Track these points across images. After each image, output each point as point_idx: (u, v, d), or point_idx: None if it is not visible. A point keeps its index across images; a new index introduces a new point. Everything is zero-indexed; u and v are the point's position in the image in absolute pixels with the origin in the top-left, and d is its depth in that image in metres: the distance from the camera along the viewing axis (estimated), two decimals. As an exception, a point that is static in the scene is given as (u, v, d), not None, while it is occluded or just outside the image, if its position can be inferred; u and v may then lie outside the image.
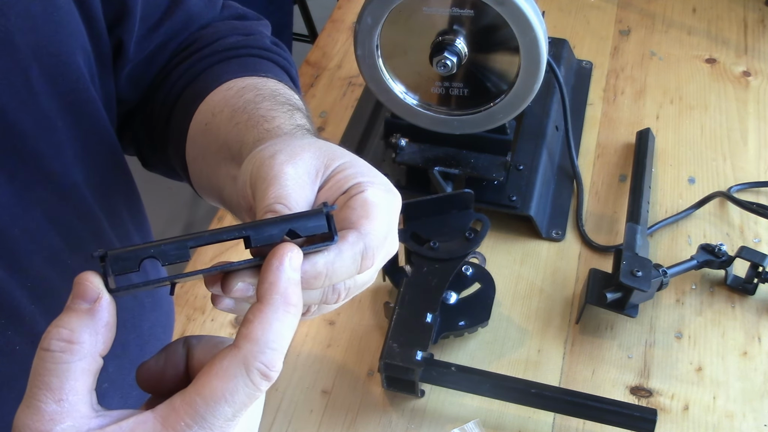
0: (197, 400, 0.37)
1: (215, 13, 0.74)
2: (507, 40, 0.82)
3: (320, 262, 0.42)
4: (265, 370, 0.38)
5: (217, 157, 0.59)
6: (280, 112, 0.57)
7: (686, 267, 0.84)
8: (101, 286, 0.38)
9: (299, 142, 0.48)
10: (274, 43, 0.74)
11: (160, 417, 0.37)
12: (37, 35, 0.54)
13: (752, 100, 1.10)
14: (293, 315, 0.39)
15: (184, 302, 0.87)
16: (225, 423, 0.38)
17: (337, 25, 1.24)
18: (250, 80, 0.64)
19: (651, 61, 1.16)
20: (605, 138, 1.05)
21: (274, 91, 0.61)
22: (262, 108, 0.57)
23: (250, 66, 0.67)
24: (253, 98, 0.60)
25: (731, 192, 0.95)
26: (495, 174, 0.90)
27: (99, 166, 0.64)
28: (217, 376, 0.37)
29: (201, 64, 0.68)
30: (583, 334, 0.83)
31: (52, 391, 0.37)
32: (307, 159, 0.46)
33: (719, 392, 0.78)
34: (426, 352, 0.73)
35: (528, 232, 0.93)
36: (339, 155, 0.47)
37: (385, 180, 0.48)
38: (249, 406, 0.38)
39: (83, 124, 0.60)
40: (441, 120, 0.89)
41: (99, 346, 0.38)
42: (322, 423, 0.77)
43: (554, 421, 0.76)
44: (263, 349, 0.38)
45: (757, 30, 1.22)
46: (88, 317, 0.37)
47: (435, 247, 0.79)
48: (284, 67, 0.72)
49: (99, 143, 0.63)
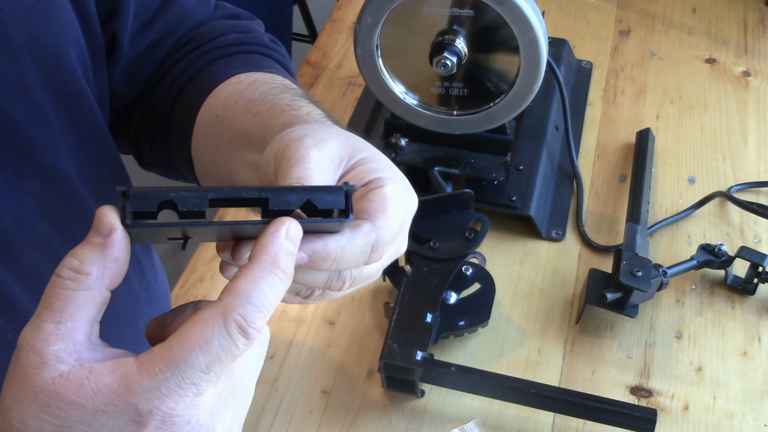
0: (174, 346, 0.38)
1: (208, 12, 0.74)
2: (507, 40, 0.82)
3: (331, 244, 0.43)
4: (243, 323, 0.38)
5: (231, 146, 0.60)
6: (304, 102, 0.57)
7: (686, 267, 0.84)
8: (116, 221, 0.39)
9: (327, 129, 0.49)
10: (272, 40, 0.74)
11: (139, 361, 0.38)
12: (30, 27, 0.55)
13: (752, 100, 1.10)
14: (280, 279, 0.39)
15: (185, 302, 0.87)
16: (197, 374, 0.38)
17: (337, 25, 1.24)
18: (257, 75, 0.64)
19: (651, 61, 1.16)
20: (605, 138, 1.05)
21: (286, 85, 0.62)
22: (285, 98, 0.58)
23: (253, 62, 0.67)
24: (270, 90, 0.60)
25: (731, 192, 0.95)
26: (495, 174, 0.90)
27: (92, 159, 0.64)
28: (196, 323, 0.38)
29: (202, 60, 0.68)
30: (583, 334, 0.83)
31: (53, 312, 0.38)
32: (333, 146, 0.46)
33: (719, 392, 0.78)
34: (426, 352, 0.73)
35: (528, 232, 0.93)
36: (364, 148, 0.48)
37: (405, 179, 0.48)
38: (225, 361, 0.38)
39: (76, 117, 0.61)
40: (441, 120, 0.89)
41: (106, 280, 0.39)
42: (322, 423, 0.77)
43: (554, 421, 0.76)
44: (244, 302, 0.38)
45: (757, 30, 1.22)
46: (98, 251, 0.39)
47: (435, 247, 0.79)
48: (283, 64, 0.72)
49: (92, 136, 0.64)
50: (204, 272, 0.90)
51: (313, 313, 0.85)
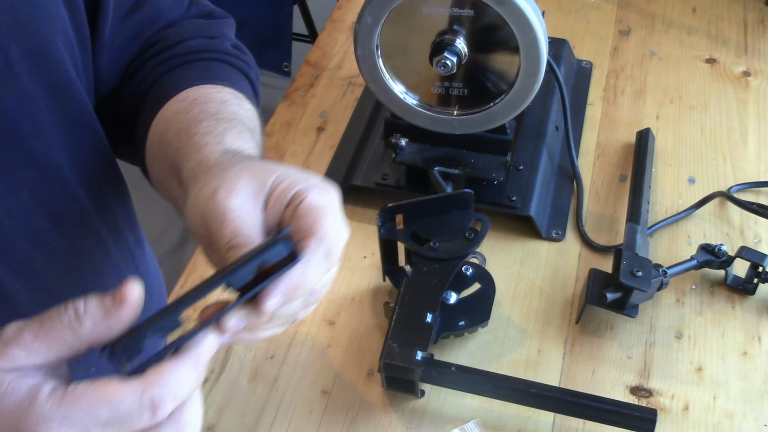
0: (88, 392, 0.40)
1: (182, 10, 0.75)
2: (507, 40, 0.82)
3: (294, 276, 0.46)
4: (156, 402, 0.41)
5: (170, 175, 0.61)
6: (211, 137, 0.58)
7: (686, 267, 0.84)
8: (134, 297, 0.43)
9: (230, 171, 0.51)
10: (236, 46, 0.75)
11: (54, 389, 0.40)
12: (16, 15, 0.55)
13: (752, 100, 1.10)
14: (196, 377, 0.44)
15: (184, 302, 0.87)
16: (94, 424, 0.39)
17: (337, 25, 1.24)
18: (204, 90, 0.65)
19: (651, 61, 1.16)
20: (605, 138, 1.05)
21: (219, 106, 0.63)
22: (198, 133, 0.59)
23: (210, 71, 0.68)
24: (196, 116, 0.61)
25: (731, 192, 0.95)
26: (495, 174, 0.90)
27: (83, 150, 0.64)
28: (118, 384, 0.40)
29: (164, 66, 0.69)
30: (583, 334, 0.83)
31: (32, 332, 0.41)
32: (244, 186, 0.49)
33: (719, 392, 0.78)
34: (426, 352, 0.73)
35: (528, 232, 0.93)
36: (271, 171, 0.50)
37: (319, 179, 0.51)
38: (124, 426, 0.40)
39: (66, 107, 0.61)
40: (441, 120, 0.89)
41: (92, 336, 0.42)
42: (322, 423, 0.77)
43: (554, 421, 0.76)
44: (163, 385, 0.41)
45: (757, 30, 1.22)
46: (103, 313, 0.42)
47: (435, 247, 0.79)
48: (244, 71, 0.73)
49: (82, 126, 0.64)
50: (204, 272, 0.90)
51: (313, 313, 0.85)
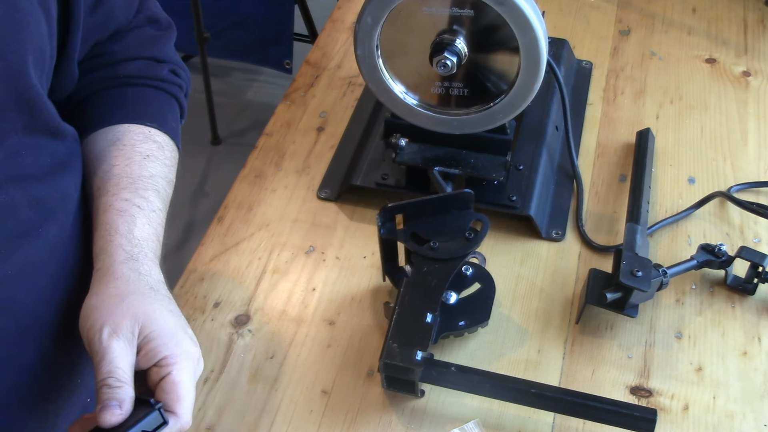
0: None
1: (131, 14, 0.77)
2: (507, 40, 0.82)
3: None
4: None
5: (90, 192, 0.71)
6: (118, 235, 0.65)
7: (686, 267, 0.84)
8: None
9: (120, 307, 0.60)
10: (172, 71, 0.79)
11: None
12: (3, 34, 0.57)
13: (752, 100, 1.10)
14: None
15: (184, 302, 0.87)
16: None
17: (337, 25, 1.24)
18: (130, 137, 0.72)
19: (651, 61, 1.16)
20: (605, 138, 1.05)
21: (141, 168, 0.71)
22: (114, 208, 0.67)
23: (141, 105, 0.75)
24: (118, 182, 0.69)
25: (731, 192, 0.95)
26: (495, 174, 0.90)
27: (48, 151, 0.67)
28: None
29: (101, 84, 0.74)
30: (583, 334, 0.83)
31: None
32: (126, 327, 0.59)
33: (719, 392, 0.78)
34: (426, 352, 0.73)
35: (528, 232, 0.93)
36: (149, 322, 0.60)
37: (187, 344, 0.61)
38: None
39: (36, 120, 0.63)
40: (441, 120, 0.89)
41: None
42: (322, 423, 0.77)
43: (554, 421, 0.76)
44: None
45: (757, 30, 1.22)
46: None
47: (435, 247, 0.79)
48: (176, 95, 0.79)
49: (48, 135, 0.67)
50: (204, 272, 0.90)
51: (313, 313, 0.85)
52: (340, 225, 0.94)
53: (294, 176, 1.00)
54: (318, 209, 0.96)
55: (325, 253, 0.91)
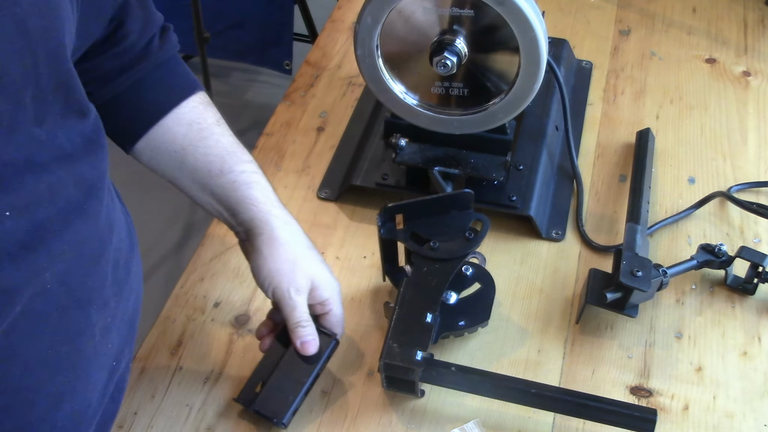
0: None
1: None
2: (507, 40, 0.82)
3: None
4: None
5: (194, 186, 0.78)
6: (262, 204, 0.77)
7: (686, 267, 0.84)
8: None
9: (296, 271, 0.75)
10: (163, 28, 0.80)
11: None
12: (44, 20, 0.58)
13: (752, 100, 1.10)
14: None
15: (185, 302, 0.87)
16: None
17: (337, 25, 1.24)
18: (200, 120, 0.79)
19: (651, 61, 1.16)
20: (605, 138, 1.05)
21: (231, 151, 0.79)
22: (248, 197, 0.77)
23: (180, 78, 0.80)
24: (226, 166, 0.77)
25: (731, 192, 0.95)
26: (495, 174, 0.90)
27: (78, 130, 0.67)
28: None
29: (135, 72, 0.76)
30: (583, 334, 0.83)
31: None
32: (305, 285, 0.75)
33: (719, 392, 0.78)
34: (426, 352, 0.73)
35: (528, 232, 0.93)
36: (315, 278, 0.76)
37: (334, 283, 0.78)
38: None
39: (70, 101, 0.64)
40: (441, 120, 0.89)
41: None
42: (322, 423, 0.77)
43: (554, 421, 0.76)
44: None
45: (757, 30, 1.22)
46: None
47: (435, 247, 0.79)
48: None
49: (82, 118, 0.67)
50: (204, 272, 0.90)
51: (313, 313, 0.85)
52: (340, 225, 0.94)
53: (294, 176, 1.00)
54: (318, 209, 0.96)
55: (325, 253, 0.91)
